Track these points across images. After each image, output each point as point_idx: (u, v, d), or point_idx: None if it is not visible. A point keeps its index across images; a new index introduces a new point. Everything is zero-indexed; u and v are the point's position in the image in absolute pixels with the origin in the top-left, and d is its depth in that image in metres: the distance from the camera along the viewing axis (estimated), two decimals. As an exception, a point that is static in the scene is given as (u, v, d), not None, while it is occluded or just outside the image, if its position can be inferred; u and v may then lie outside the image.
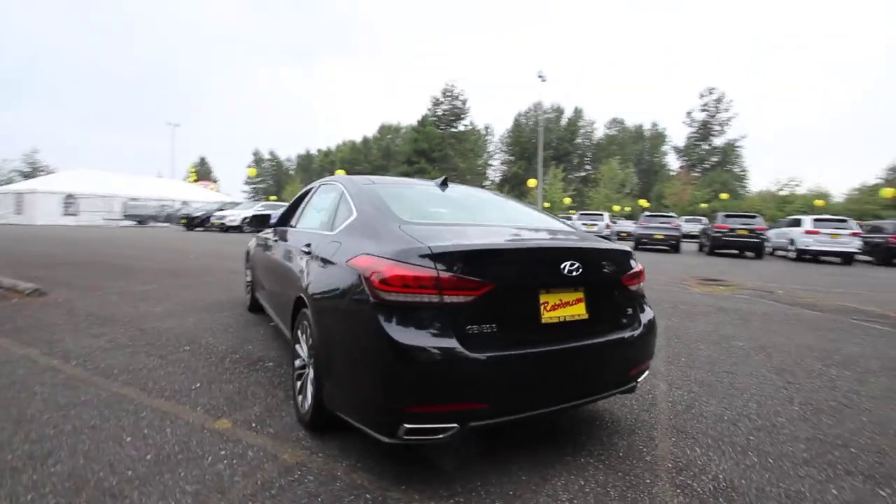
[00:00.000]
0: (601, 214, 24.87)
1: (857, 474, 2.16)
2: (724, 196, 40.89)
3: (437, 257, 1.79)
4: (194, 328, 4.29)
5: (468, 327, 1.79)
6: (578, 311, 2.05)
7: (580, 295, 2.08)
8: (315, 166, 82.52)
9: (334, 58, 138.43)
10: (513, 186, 57.65)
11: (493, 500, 1.84)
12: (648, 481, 2.03)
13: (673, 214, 24.81)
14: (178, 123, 50.11)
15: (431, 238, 1.92)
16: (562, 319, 1.99)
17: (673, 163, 62.71)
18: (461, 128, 57.39)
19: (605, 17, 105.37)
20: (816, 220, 15.15)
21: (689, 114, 59.50)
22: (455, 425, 1.75)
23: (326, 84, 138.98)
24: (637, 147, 66.14)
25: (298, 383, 2.57)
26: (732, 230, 15.95)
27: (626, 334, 2.18)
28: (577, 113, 66.55)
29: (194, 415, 2.52)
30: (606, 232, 21.98)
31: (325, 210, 2.98)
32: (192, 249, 12.64)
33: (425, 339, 1.73)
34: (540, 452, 2.24)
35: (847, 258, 14.74)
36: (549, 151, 57.17)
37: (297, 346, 2.62)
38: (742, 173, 55.60)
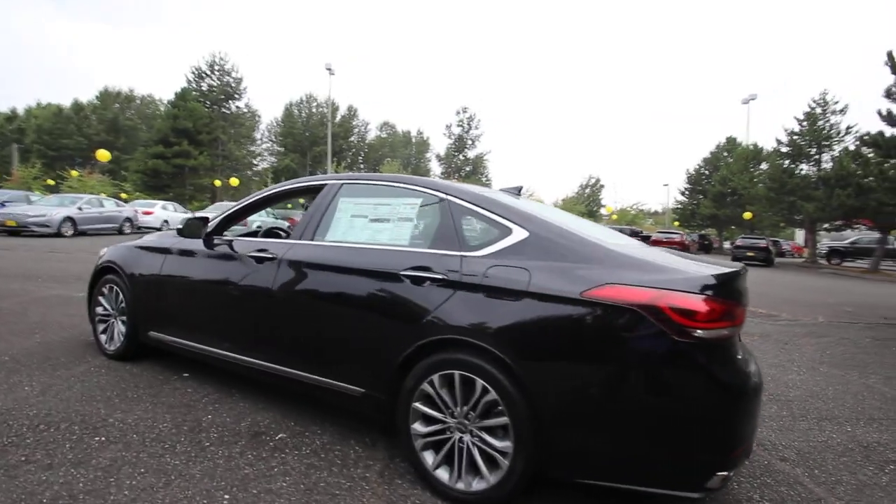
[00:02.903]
0: None
1: None
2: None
3: (720, 287, 1.70)
4: (62, 402, 2.64)
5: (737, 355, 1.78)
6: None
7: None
8: (-11, 133, 58.22)
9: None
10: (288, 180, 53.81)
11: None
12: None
13: None
14: None
15: (672, 264, 1.82)
16: None
17: (436, 168, 70.65)
18: (234, 109, 49.92)
19: (381, 23, 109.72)
20: (567, 224, 19.73)
21: (448, 127, 68.23)
22: (745, 459, 1.72)
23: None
24: (406, 151, 71.68)
25: (430, 455, 1.99)
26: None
27: None
28: (352, 111, 67.36)
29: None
30: None
31: (409, 222, 2.32)
32: None
33: (739, 376, 1.68)
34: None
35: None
36: (323, 147, 55.82)
37: (418, 405, 2.02)
38: (488, 182, 67.22)
